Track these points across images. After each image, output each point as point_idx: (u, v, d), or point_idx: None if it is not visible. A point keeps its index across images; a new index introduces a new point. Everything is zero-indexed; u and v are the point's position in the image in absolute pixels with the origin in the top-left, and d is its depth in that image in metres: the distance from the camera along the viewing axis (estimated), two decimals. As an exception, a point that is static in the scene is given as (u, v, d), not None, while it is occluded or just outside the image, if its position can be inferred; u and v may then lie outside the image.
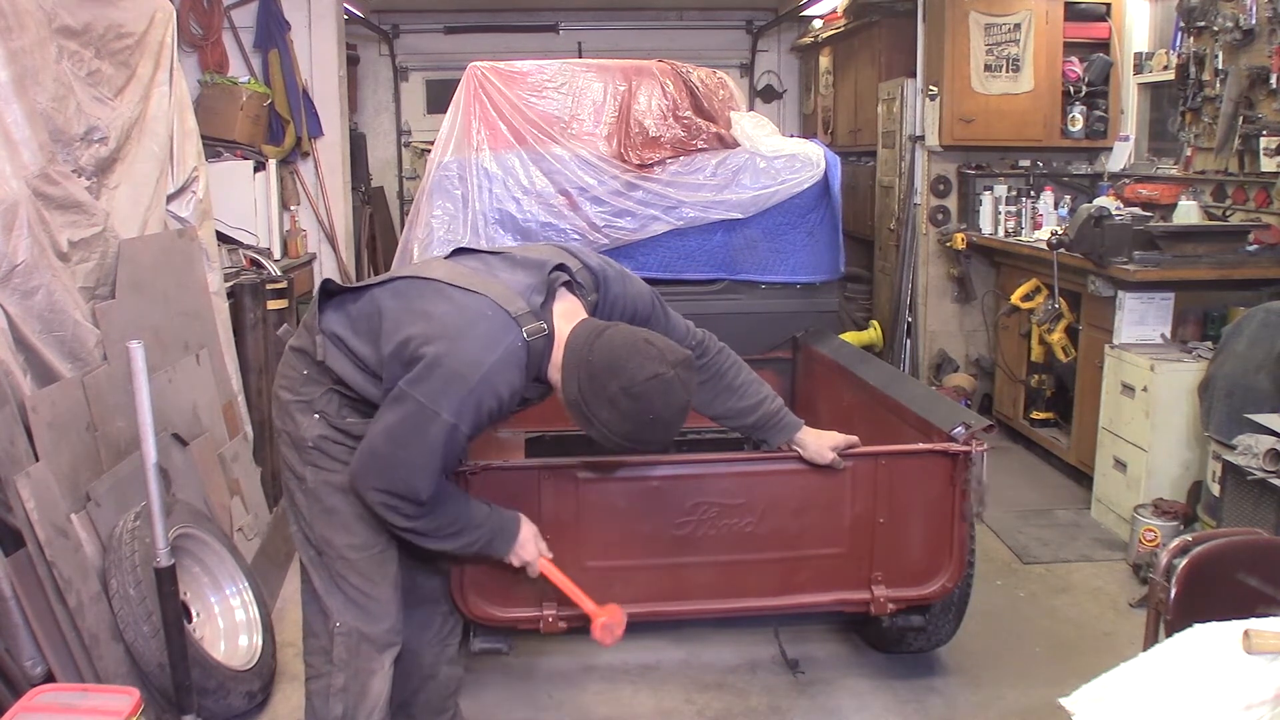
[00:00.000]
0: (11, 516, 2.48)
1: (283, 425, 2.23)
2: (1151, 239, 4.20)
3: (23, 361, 2.73)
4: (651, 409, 2.00)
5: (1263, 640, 1.42)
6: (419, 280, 2.17)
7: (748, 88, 8.63)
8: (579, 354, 2.04)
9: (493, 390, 2.01)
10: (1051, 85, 5.65)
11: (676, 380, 2.00)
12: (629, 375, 1.98)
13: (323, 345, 2.16)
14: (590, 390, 2.02)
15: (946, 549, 2.66)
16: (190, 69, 4.94)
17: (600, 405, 2.02)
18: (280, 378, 2.27)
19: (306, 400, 2.20)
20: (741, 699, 3.04)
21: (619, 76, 4.20)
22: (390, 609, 2.28)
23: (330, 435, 2.19)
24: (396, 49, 8.48)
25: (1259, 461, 3.09)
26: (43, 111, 2.93)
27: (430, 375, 1.98)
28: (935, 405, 2.91)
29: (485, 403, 2.01)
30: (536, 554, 2.33)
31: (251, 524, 3.69)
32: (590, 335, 2.05)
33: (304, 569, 2.30)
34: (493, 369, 1.99)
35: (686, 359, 2.05)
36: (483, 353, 1.99)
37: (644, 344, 2.03)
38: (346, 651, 2.25)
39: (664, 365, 2.00)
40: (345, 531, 2.22)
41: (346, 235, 5.86)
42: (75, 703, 2.14)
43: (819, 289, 4.20)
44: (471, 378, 1.97)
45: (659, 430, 2.05)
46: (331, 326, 2.17)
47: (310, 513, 2.23)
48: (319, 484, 2.20)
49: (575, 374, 2.04)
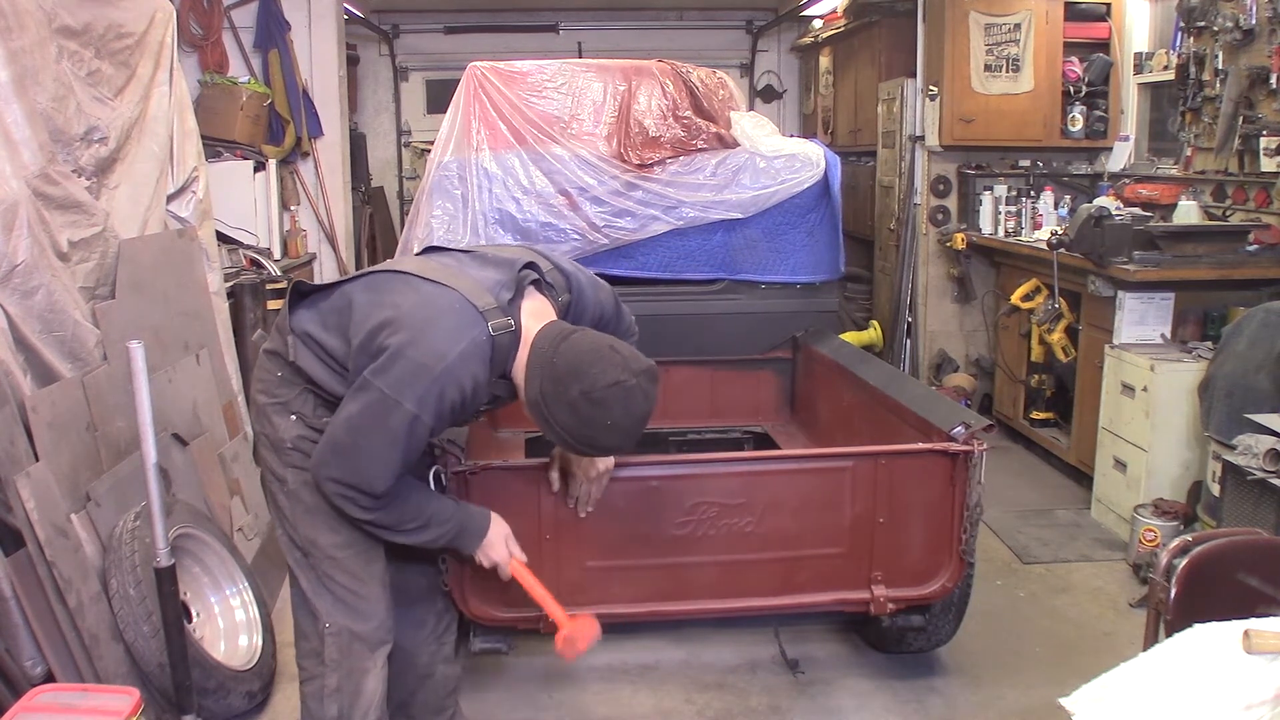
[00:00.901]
0: (11, 516, 2.48)
1: (261, 429, 2.24)
2: (1151, 239, 4.20)
3: (23, 361, 2.73)
4: (610, 415, 1.99)
5: (1263, 640, 1.42)
6: (390, 274, 2.18)
7: (748, 88, 8.63)
8: (543, 355, 2.04)
9: (455, 382, 2.00)
10: (1051, 85, 5.65)
11: (638, 389, 2.00)
12: (590, 380, 1.98)
13: (294, 345, 2.16)
14: (552, 393, 2.02)
15: (946, 549, 2.66)
16: (190, 69, 4.95)
17: (560, 408, 2.01)
18: (256, 381, 2.28)
19: (282, 402, 2.20)
20: (741, 699, 3.04)
21: (619, 76, 4.20)
22: (379, 606, 2.28)
23: (307, 435, 2.18)
24: (396, 49, 8.49)
25: (1259, 461, 3.09)
26: (43, 111, 2.93)
27: (393, 365, 1.98)
28: (935, 405, 2.91)
29: (448, 394, 2.00)
30: (507, 555, 2.29)
31: (251, 524, 3.69)
32: (556, 338, 2.05)
33: (291, 572, 2.30)
34: (456, 361, 1.99)
35: (650, 369, 2.05)
36: (447, 344, 1.99)
37: (609, 350, 2.03)
38: (338, 651, 2.25)
39: (626, 373, 1.99)
40: (330, 531, 2.21)
41: (346, 235, 5.87)
42: (75, 703, 2.14)
43: (819, 289, 4.20)
44: (435, 368, 1.98)
45: (616, 437, 2.04)
46: (303, 325, 2.17)
47: (293, 514, 2.23)
48: (300, 485, 2.20)
49: (538, 375, 2.04)
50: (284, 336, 2.19)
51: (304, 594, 2.27)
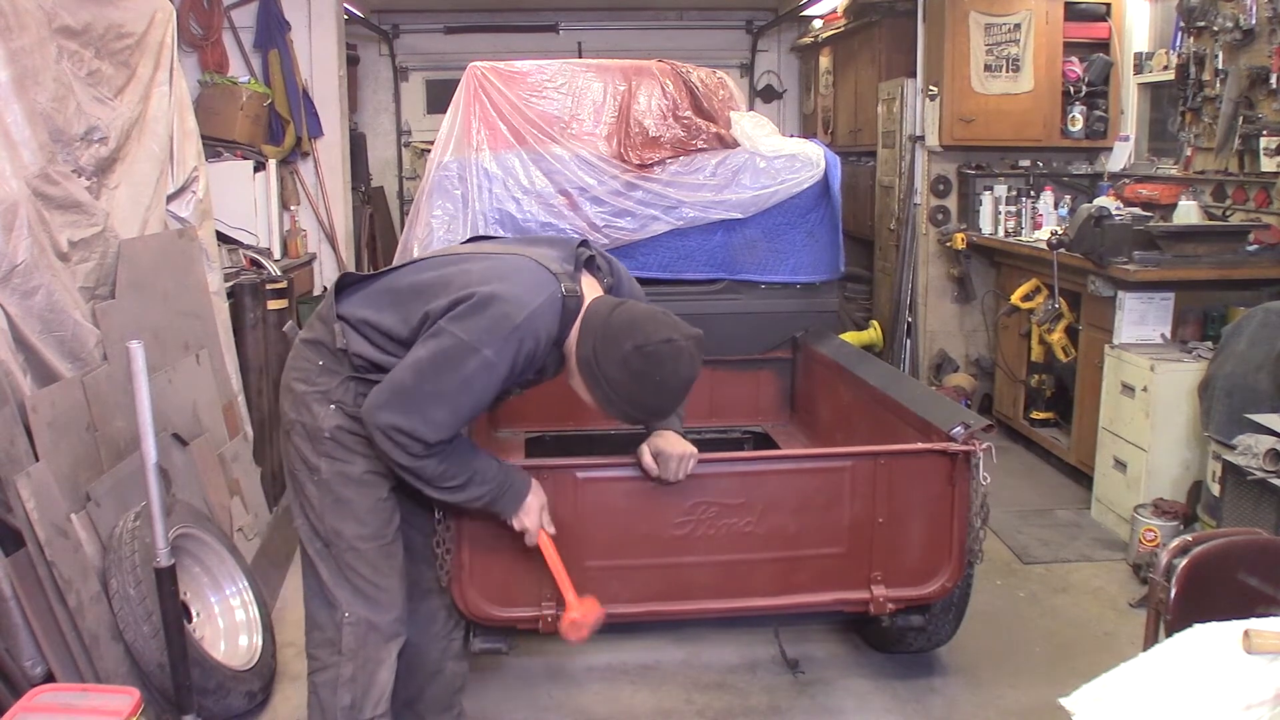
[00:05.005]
0: (11, 516, 2.48)
1: (297, 416, 2.23)
2: (1151, 239, 4.20)
3: (23, 361, 2.73)
4: (660, 371, 2.07)
5: (1263, 640, 1.42)
6: (449, 254, 2.27)
7: (748, 88, 8.63)
8: (599, 316, 2.13)
9: (533, 332, 2.06)
10: (1051, 85, 5.65)
11: (688, 351, 2.10)
12: (645, 335, 2.06)
13: (342, 331, 2.18)
14: (604, 348, 2.09)
15: (946, 549, 2.66)
16: (190, 69, 4.95)
17: (611, 363, 2.08)
18: (292, 370, 2.27)
19: (323, 390, 2.21)
20: (741, 699, 3.04)
21: (619, 76, 4.19)
22: (397, 599, 2.30)
23: (346, 425, 2.20)
24: (396, 49, 8.48)
25: (1259, 461, 3.09)
26: (43, 111, 2.93)
27: (475, 314, 2.02)
28: (935, 405, 2.91)
29: (525, 344, 2.05)
30: (539, 524, 2.32)
31: (251, 524, 3.69)
32: (612, 304, 2.16)
33: (309, 561, 2.30)
34: (537, 310, 2.06)
35: (699, 337, 2.14)
36: (530, 295, 2.06)
37: (662, 314, 2.13)
38: (355, 641, 2.26)
39: (678, 334, 2.09)
40: (356, 523, 2.23)
41: (346, 235, 5.87)
42: (75, 703, 2.14)
43: (819, 289, 4.20)
44: (517, 317, 2.03)
45: (663, 396, 2.13)
46: (353, 311, 2.19)
47: (321, 504, 2.23)
48: (334, 475, 2.21)
49: (591, 334, 2.12)
50: (329, 325, 2.21)
51: (322, 583, 2.28)
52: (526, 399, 2.57)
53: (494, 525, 2.37)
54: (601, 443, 3.74)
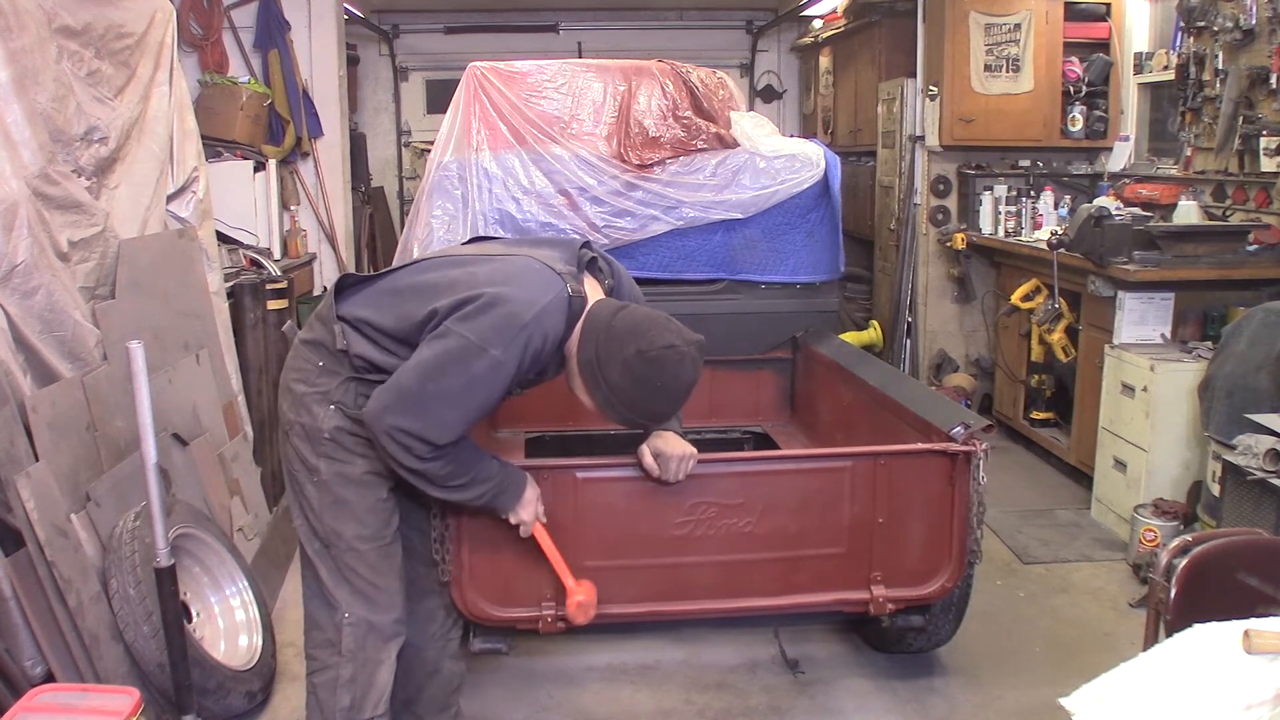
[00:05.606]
0: (11, 516, 2.48)
1: (297, 417, 2.23)
2: (1151, 239, 4.20)
3: (23, 361, 2.73)
4: (661, 376, 2.07)
5: (1263, 640, 1.42)
6: (451, 256, 2.26)
7: (748, 88, 8.63)
8: (600, 320, 2.13)
9: (541, 331, 2.06)
10: (1051, 85, 5.65)
11: (689, 356, 2.10)
12: (648, 340, 2.07)
13: (342, 332, 2.18)
14: (606, 351, 2.09)
15: (946, 549, 2.66)
16: (190, 69, 4.95)
17: (613, 367, 2.09)
18: (292, 371, 2.27)
19: (323, 391, 2.21)
20: (741, 699, 3.04)
21: (619, 76, 4.19)
22: (396, 600, 2.30)
23: (345, 426, 2.20)
24: (396, 49, 8.48)
25: (1259, 461, 3.09)
26: (43, 111, 2.93)
27: (483, 313, 2.02)
28: (935, 405, 2.91)
29: (533, 342, 2.05)
30: (534, 517, 2.34)
31: (251, 524, 3.69)
32: (614, 308, 2.16)
33: (308, 562, 2.30)
34: (545, 308, 2.06)
35: (701, 342, 2.14)
36: (536, 294, 2.06)
37: (664, 319, 2.13)
38: (355, 642, 2.26)
39: (681, 340, 2.09)
40: (356, 523, 2.23)
41: (346, 235, 5.87)
42: (75, 703, 2.14)
43: (819, 289, 4.20)
44: (525, 315, 2.03)
45: (664, 401, 2.14)
46: (353, 311, 2.19)
47: (320, 505, 2.23)
48: (333, 476, 2.21)
49: (593, 338, 2.12)
50: (329, 326, 2.20)
51: (322, 584, 2.28)
52: (526, 399, 2.57)
53: (493, 525, 2.37)
54: (601, 443, 3.74)
